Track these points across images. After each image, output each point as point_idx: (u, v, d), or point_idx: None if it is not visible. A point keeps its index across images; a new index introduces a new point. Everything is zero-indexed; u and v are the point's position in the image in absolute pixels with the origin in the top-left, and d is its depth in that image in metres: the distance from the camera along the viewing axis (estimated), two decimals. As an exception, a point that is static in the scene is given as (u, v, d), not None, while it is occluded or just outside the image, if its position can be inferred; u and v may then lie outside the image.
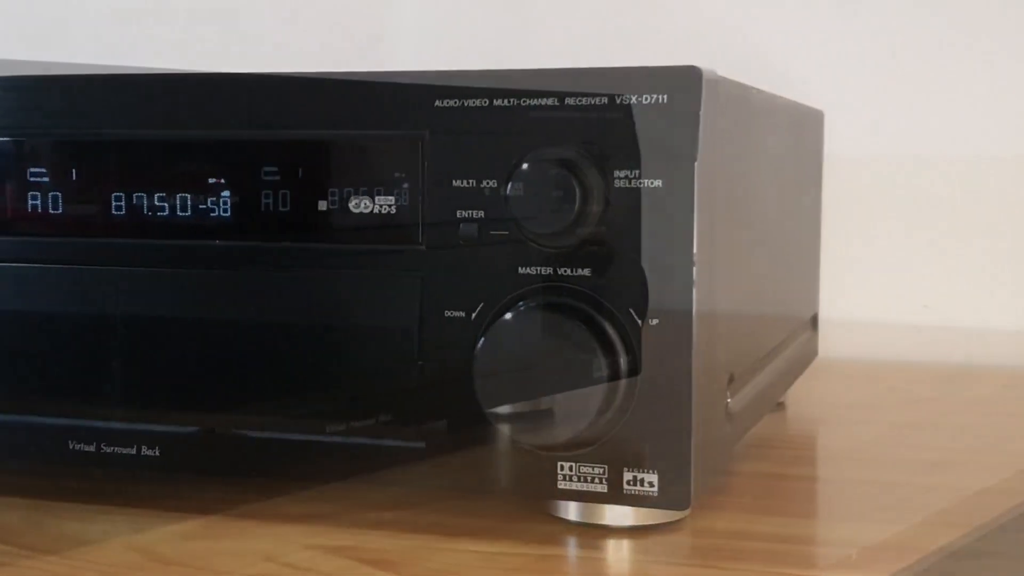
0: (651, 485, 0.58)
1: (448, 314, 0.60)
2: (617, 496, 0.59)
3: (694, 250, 0.57)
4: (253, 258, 0.62)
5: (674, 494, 0.58)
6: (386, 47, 1.25)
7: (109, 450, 0.64)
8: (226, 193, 0.62)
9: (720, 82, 0.59)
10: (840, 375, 1.01)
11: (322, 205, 0.61)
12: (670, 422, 0.58)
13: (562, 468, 0.59)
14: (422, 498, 0.65)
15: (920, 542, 0.60)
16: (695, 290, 0.57)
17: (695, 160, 0.57)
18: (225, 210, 0.62)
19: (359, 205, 0.61)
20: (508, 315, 0.59)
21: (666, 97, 0.57)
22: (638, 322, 0.58)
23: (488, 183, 0.59)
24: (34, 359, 0.65)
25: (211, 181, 0.62)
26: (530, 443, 0.59)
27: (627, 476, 0.59)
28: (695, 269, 0.57)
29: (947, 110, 1.13)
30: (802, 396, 0.91)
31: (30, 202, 0.64)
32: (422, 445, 0.61)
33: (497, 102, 0.59)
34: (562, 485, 0.60)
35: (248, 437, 0.62)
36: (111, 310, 0.63)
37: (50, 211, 0.64)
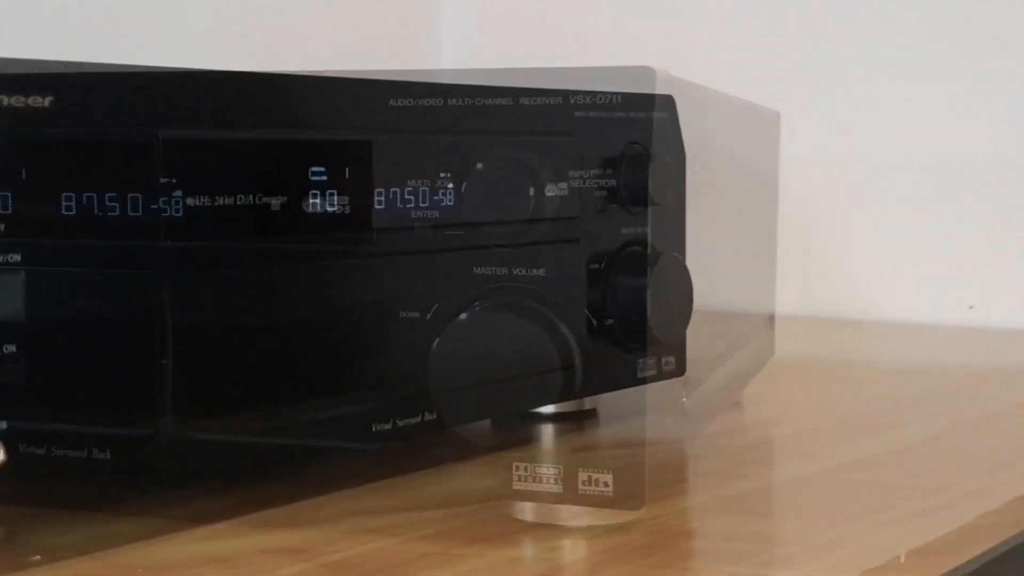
0: (606, 485, 0.58)
1: (403, 315, 0.60)
2: (572, 496, 0.59)
3: (649, 250, 0.57)
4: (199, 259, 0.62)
5: (628, 494, 0.58)
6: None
7: (59, 453, 0.63)
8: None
9: (674, 82, 0.59)
10: (796, 373, 1.02)
11: (275, 204, 0.61)
12: (624, 422, 0.58)
13: (517, 469, 0.59)
14: (378, 500, 0.64)
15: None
16: (650, 289, 0.57)
17: (650, 160, 0.57)
18: (179, 211, 0.62)
19: (314, 206, 0.61)
20: (463, 315, 0.59)
21: (621, 97, 0.57)
22: (593, 322, 0.58)
23: (443, 183, 0.59)
24: None
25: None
26: (486, 444, 0.59)
27: (582, 476, 0.59)
28: (650, 269, 0.57)
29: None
30: (758, 395, 0.91)
31: None
32: (376, 447, 0.60)
33: (452, 102, 0.59)
34: (517, 486, 0.59)
35: (202, 440, 0.62)
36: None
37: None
